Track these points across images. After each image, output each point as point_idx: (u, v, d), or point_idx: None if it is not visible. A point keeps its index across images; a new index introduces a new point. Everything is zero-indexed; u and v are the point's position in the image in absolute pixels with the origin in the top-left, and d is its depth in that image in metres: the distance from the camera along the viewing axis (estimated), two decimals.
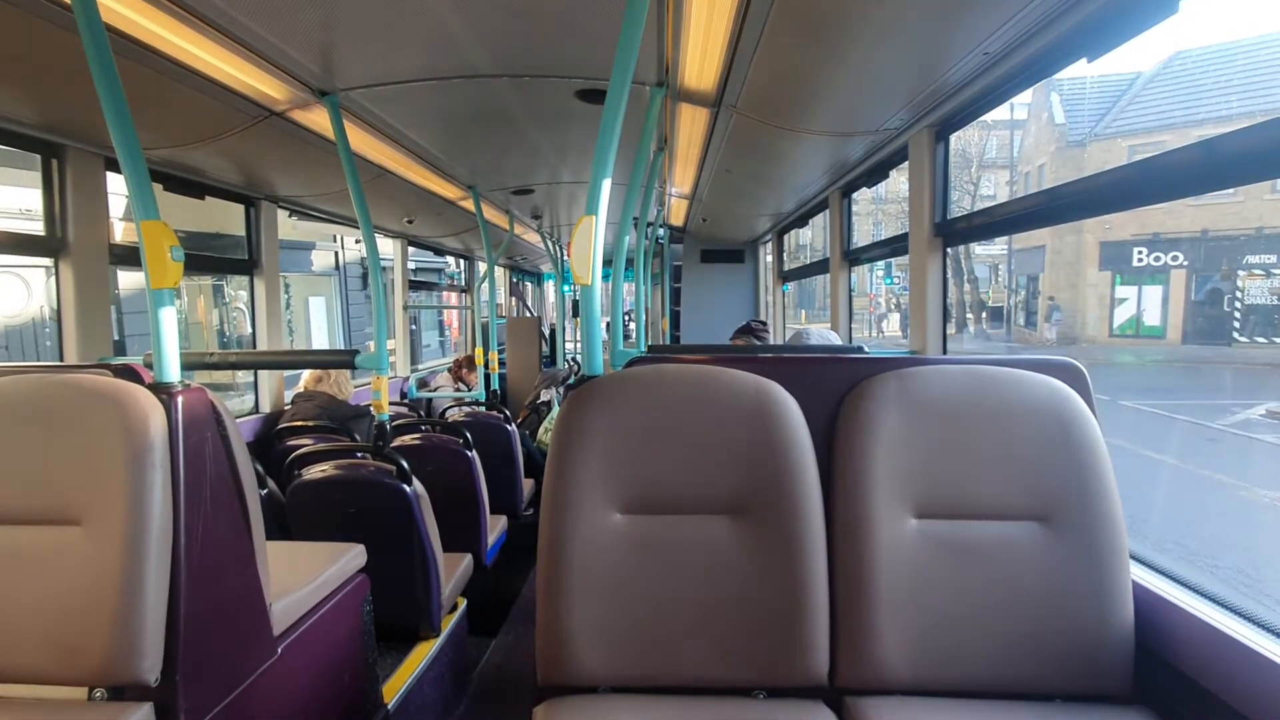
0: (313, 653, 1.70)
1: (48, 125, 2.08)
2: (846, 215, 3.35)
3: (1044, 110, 20.98)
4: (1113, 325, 18.79)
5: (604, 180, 1.37)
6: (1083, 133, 19.44)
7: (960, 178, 23.96)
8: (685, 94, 2.25)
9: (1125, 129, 18.51)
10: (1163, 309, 17.97)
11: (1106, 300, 18.81)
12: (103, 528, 1.22)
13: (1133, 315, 18.52)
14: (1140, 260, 18.06)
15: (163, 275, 1.31)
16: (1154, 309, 18.15)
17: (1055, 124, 20.16)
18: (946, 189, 2.21)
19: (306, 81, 2.00)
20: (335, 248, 12.85)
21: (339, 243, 12.85)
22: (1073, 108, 19.91)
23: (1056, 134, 20.15)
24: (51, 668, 1.23)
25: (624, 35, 1.34)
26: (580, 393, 1.34)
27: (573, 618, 1.25)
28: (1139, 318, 18.46)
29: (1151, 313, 18.22)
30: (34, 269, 7.12)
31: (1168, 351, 16.77)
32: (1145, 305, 18.30)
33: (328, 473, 2.25)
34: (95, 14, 1.24)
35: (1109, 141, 18.65)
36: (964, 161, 24.30)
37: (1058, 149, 20.02)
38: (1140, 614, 1.22)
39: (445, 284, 9.24)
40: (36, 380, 1.31)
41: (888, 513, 1.26)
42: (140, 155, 1.31)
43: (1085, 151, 19.07)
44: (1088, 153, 18.94)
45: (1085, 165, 18.37)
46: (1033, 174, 21.99)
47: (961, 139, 22.82)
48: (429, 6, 1.61)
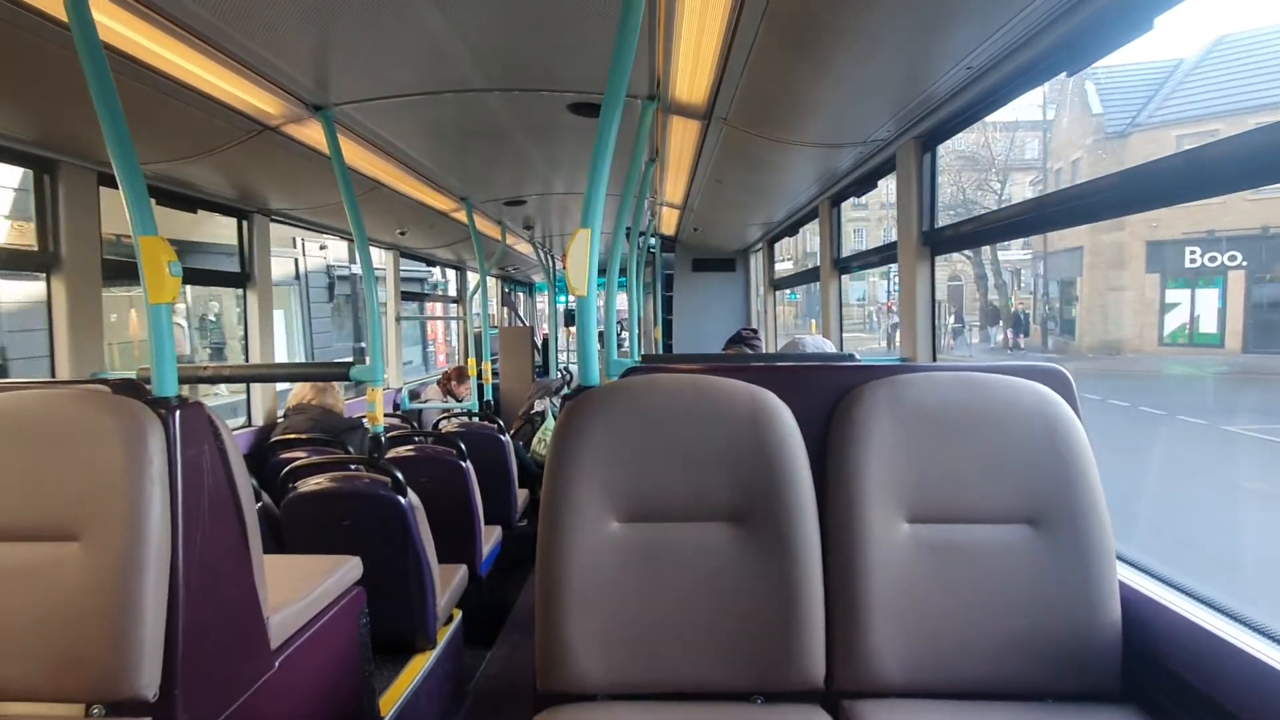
0: (310, 666, 1.70)
1: (41, 140, 2.08)
2: (836, 224, 3.39)
3: (1076, 101, 18.93)
4: (1162, 333, 16.33)
5: (599, 194, 1.39)
6: (1123, 123, 17.27)
7: (981, 181, 22.43)
8: (676, 107, 2.29)
9: (1170, 118, 16.46)
10: (1219, 314, 15.47)
11: (1154, 305, 16.43)
12: (101, 543, 1.22)
13: (1185, 322, 16.05)
14: (1193, 260, 15.70)
15: (160, 290, 1.31)
16: (1209, 314, 15.65)
17: (1092, 114, 17.98)
18: (934, 198, 2.25)
19: (301, 96, 2.01)
20: (295, 254, 10.99)
21: (299, 248, 11.05)
22: (1109, 98, 17.66)
23: (1093, 125, 17.96)
24: (49, 684, 1.22)
25: (617, 50, 1.36)
26: (577, 403, 1.35)
27: (571, 625, 1.26)
28: (1192, 324, 15.95)
29: (1207, 318, 15.68)
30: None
31: (1228, 361, 14.57)
32: (1199, 310, 15.83)
33: (322, 485, 2.25)
34: (92, 31, 1.26)
35: (1154, 132, 16.44)
36: (975, 164, 22.44)
37: (1095, 141, 17.82)
38: (1128, 614, 1.24)
39: (429, 295, 9.16)
40: (34, 396, 1.31)
41: (880, 517, 1.28)
42: (138, 170, 1.32)
43: (1126, 143, 16.92)
44: (1129, 144, 16.80)
45: (1127, 157, 16.28)
46: (1065, 170, 19.68)
47: (975, 142, 21.79)
48: (422, 22, 1.63)
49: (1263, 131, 1.01)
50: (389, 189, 3.21)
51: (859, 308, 26.79)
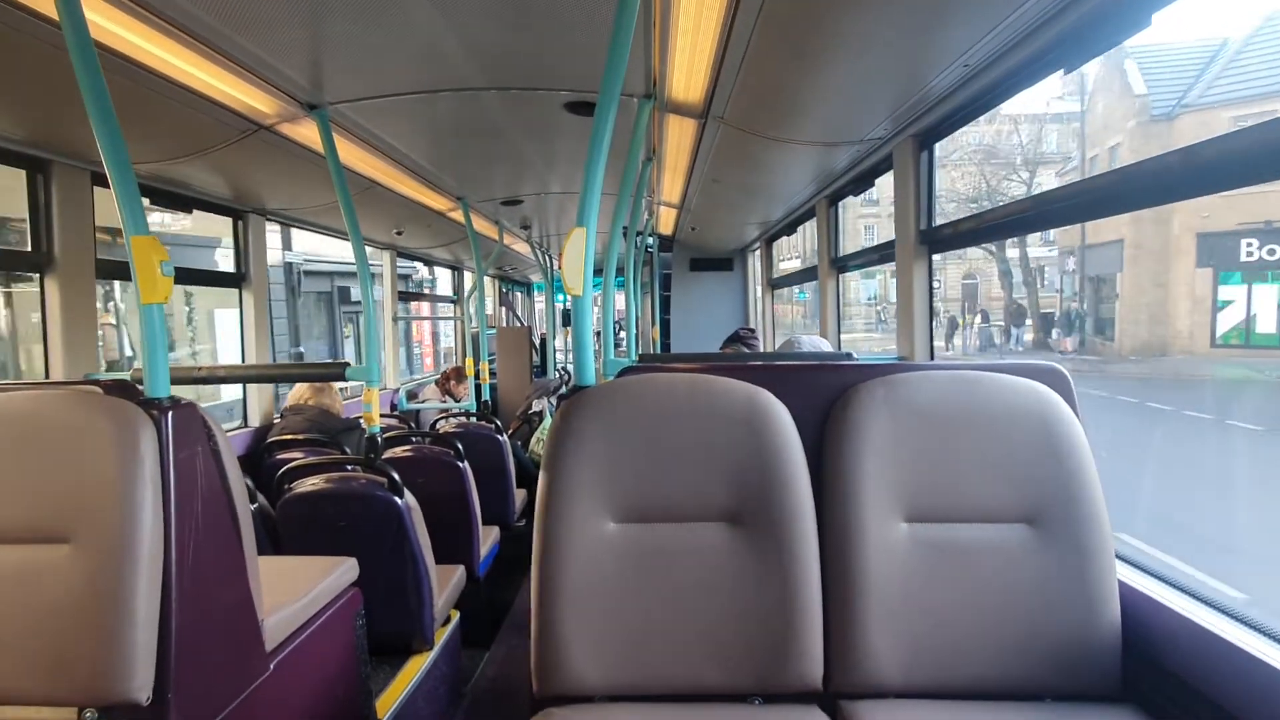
0: (306, 668, 1.69)
1: (34, 140, 2.07)
2: (834, 223, 3.39)
3: (1115, 82, 17.12)
4: (1215, 333, 14.74)
5: (594, 193, 1.38)
6: (1169, 104, 15.82)
7: (1003, 175, 20.80)
8: (673, 105, 2.28)
9: (1222, 99, 15.14)
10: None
11: (1206, 303, 14.89)
12: (92, 545, 1.21)
13: (1240, 321, 14.45)
14: (1250, 254, 14.10)
15: (153, 290, 1.30)
16: (1268, 312, 14.18)
17: (1134, 95, 16.30)
18: (932, 196, 2.24)
19: (295, 95, 2.00)
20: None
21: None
22: (1153, 78, 16.06)
23: (1136, 107, 16.25)
24: (41, 688, 1.21)
25: (612, 48, 1.36)
26: (573, 402, 1.34)
27: (567, 627, 1.25)
28: (1249, 323, 14.37)
29: (1266, 317, 14.19)
30: None
31: None
32: (1256, 308, 14.29)
33: (318, 486, 2.24)
34: (84, 30, 1.24)
35: (1205, 113, 15.07)
36: (995, 157, 20.81)
37: (1138, 124, 16.15)
38: (1127, 613, 1.24)
39: (421, 294, 8.96)
40: (25, 397, 1.30)
41: (878, 517, 1.27)
42: (130, 170, 1.31)
43: (1174, 125, 15.57)
44: (1177, 127, 15.46)
45: (1174, 140, 14.33)
46: (1102, 157, 17.82)
47: (997, 133, 20.42)
48: (417, 20, 1.62)
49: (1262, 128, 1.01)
50: (385, 188, 3.19)
51: (870, 307, 25.97)
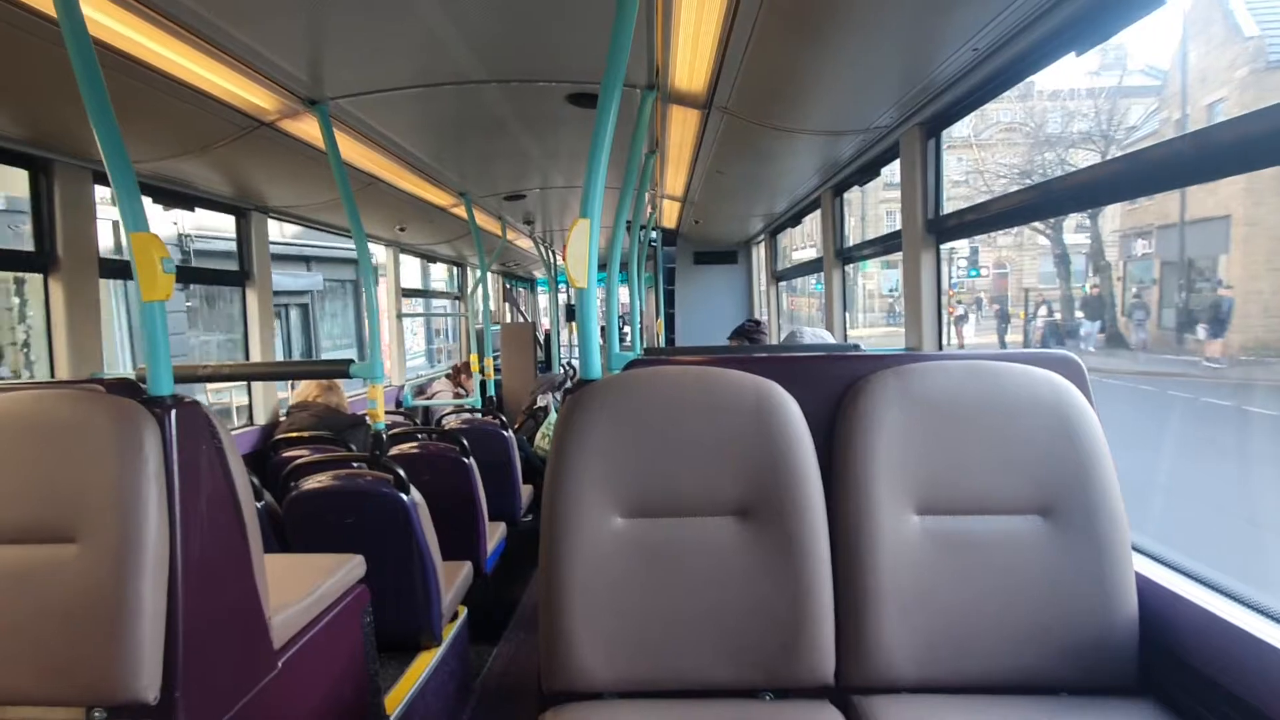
0: (314, 666, 1.68)
1: (35, 140, 2.06)
2: (838, 214, 3.36)
3: (1216, 25, 13.98)
4: None
5: (597, 184, 1.36)
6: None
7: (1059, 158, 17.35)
8: (676, 96, 2.25)
9: None
10: None
11: None
12: (98, 544, 1.21)
13: None
14: None
15: (154, 288, 1.29)
16: None
17: (1244, 38, 13.20)
18: (939, 185, 2.21)
19: (295, 91, 1.99)
20: (115, 215, 5.18)
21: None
22: (1266, 19, 12.83)
23: (1248, 52, 12.90)
24: (48, 688, 1.21)
25: (614, 39, 1.34)
26: (578, 397, 1.33)
27: (575, 623, 1.24)
28: None
29: None
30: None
31: None
32: None
33: (324, 483, 2.24)
34: (81, 27, 1.23)
35: None
36: (1052, 143, 17.75)
37: (1251, 73, 12.73)
38: (1144, 605, 1.22)
39: (420, 290, 8.82)
40: (29, 396, 1.30)
41: (890, 510, 1.26)
42: (129, 168, 1.30)
43: None
44: None
45: None
46: (1196, 115, 14.30)
47: (1066, 107, 17.43)
48: (417, 13, 1.60)
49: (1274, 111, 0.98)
50: (387, 184, 3.18)
51: (891, 298, 23.44)
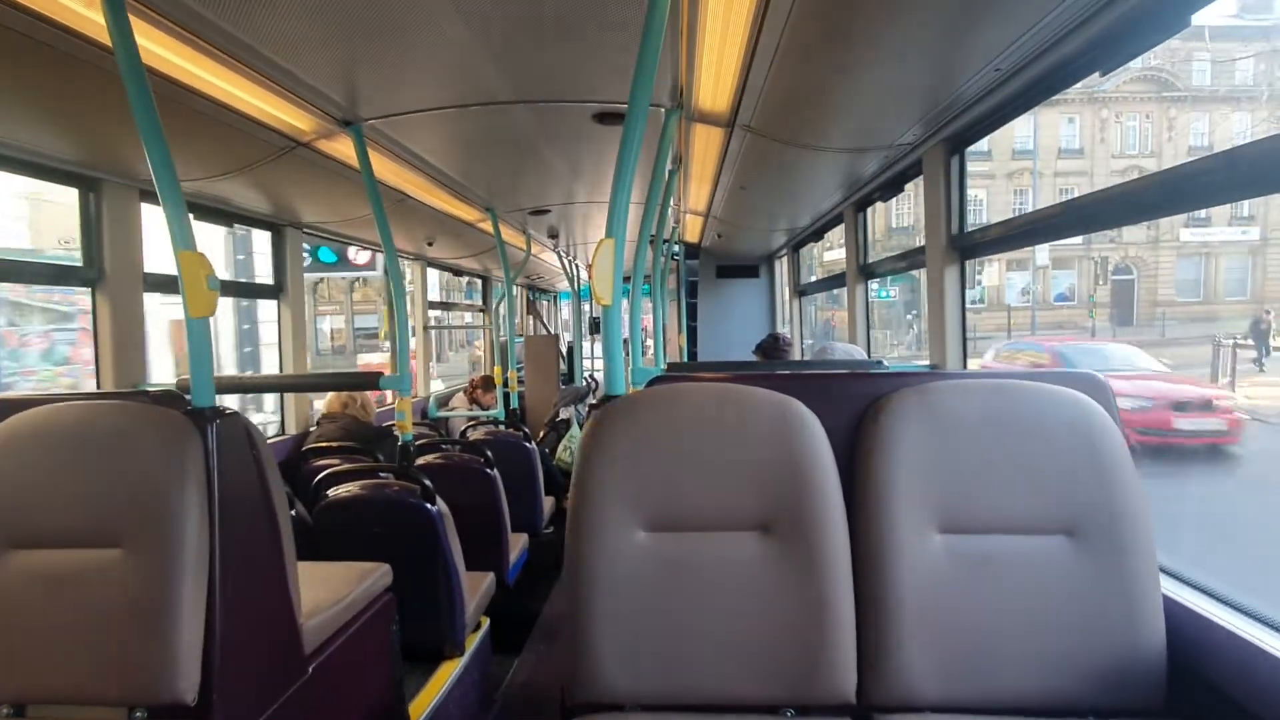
0: (342, 671, 1.72)
1: (85, 160, 2.17)
2: (861, 230, 3.36)
3: None
4: None
5: (623, 203, 1.39)
6: None
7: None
8: (700, 114, 2.29)
9: None
10: None
11: None
12: (142, 549, 1.26)
13: None
14: None
15: (200, 304, 1.35)
16: None
17: None
18: (963, 202, 2.21)
19: (331, 113, 2.07)
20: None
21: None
22: None
23: None
24: (92, 688, 1.26)
25: (641, 60, 1.37)
26: (604, 412, 1.35)
27: (598, 635, 1.25)
28: None
29: None
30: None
31: None
32: None
33: (353, 493, 2.29)
34: (135, 56, 1.30)
35: None
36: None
37: None
38: (1172, 628, 1.20)
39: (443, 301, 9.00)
40: (79, 407, 1.36)
41: (912, 528, 1.25)
42: (178, 188, 1.36)
43: None
44: None
45: None
46: None
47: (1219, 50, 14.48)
48: (450, 39, 1.66)
49: None
50: (416, 201, 3.26)
51: (972, 313, 21.64)
